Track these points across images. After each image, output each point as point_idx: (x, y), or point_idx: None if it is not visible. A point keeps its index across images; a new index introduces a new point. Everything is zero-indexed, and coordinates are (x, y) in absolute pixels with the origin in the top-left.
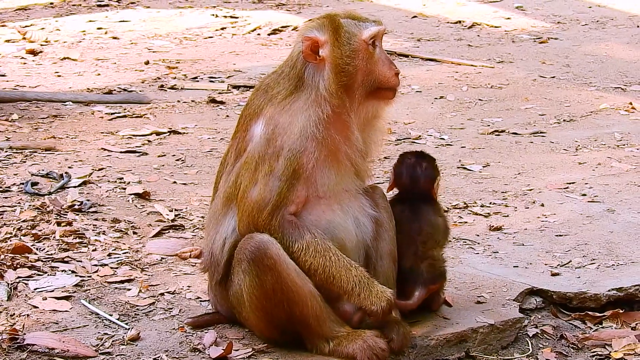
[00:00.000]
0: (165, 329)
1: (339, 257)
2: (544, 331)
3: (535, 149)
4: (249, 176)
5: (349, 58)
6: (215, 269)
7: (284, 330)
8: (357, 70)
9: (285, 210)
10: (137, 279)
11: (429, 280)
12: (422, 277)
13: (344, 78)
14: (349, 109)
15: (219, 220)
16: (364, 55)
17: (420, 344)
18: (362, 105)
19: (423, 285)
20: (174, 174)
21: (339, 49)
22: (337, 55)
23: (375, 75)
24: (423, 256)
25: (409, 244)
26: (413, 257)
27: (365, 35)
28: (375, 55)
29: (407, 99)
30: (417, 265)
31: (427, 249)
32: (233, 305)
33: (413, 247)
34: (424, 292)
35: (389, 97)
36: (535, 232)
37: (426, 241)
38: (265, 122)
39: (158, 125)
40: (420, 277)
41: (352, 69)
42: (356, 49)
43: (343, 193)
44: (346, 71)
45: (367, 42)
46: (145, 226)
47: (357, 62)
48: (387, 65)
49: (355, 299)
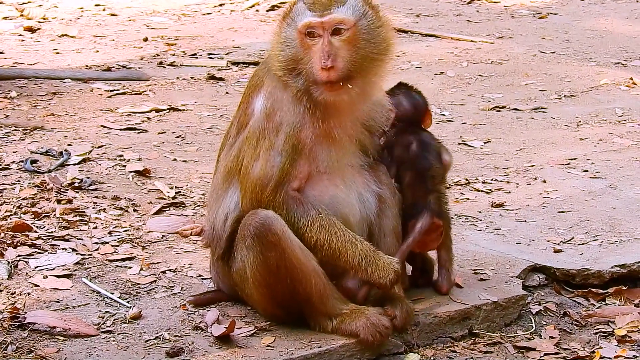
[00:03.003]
0: (166, 307)
1: (344, 232)
2: (547, 308)
3: (536, 125)
4: (251, 152)
5: (283, 45)
6: (218, 244)
7: (287, 307)
8: (290, 57)
9: (289, 187)
10: (138, 257)
11: (435, 211)
12: (429, 206)
13: (283, 62)
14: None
15: (220, 194)
16: (297, 44)
17: (423, 321)
18: (312, 93)
19: (429, 214)
20: (174, 151)
21: (278, 35)
22: (276, 40)
23: (305, 66)
24: (432, 189)
25: (418, 178)
26: (421, 191)
27: (299, 25)
28: (310, 45)
29: (407, 75)
30: (424, 198)
31: (435, 183)
32: (235, 282)
33: (421, 182)
34: (428, 222)
35: (327, 89)
36: (537, 209)
37: (435, 176)
38: (265, 96)
39: (157, 102)
40: (426, 207)
41: (282, 57)
42: (291, 37)
43: (346, 169)
44: (279, 56)
45: (302, 32)
46: (145, 204)
47: (288, 51)
48: (317, 58)
49: (362, 273)
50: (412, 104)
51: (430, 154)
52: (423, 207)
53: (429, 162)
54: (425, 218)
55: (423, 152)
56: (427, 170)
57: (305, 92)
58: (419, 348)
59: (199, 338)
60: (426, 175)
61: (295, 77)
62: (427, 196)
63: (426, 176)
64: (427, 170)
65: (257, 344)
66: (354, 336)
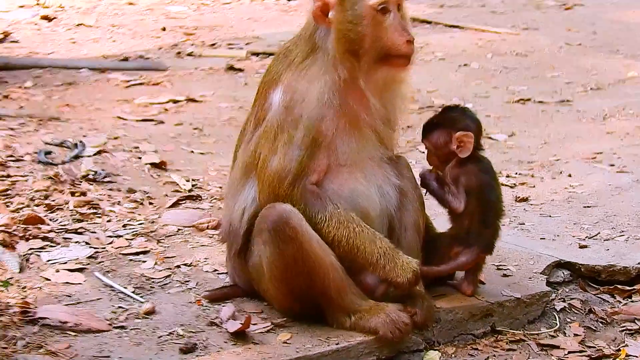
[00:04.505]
0: (181, 302)
1: (362, 228)
2: (571, 305)
3: (561, 118)
4: (269, 146)
5: (352, 24)
6: (234, 239)
7: (304, 303)
8: (362, 36)
9: (307, 180)
10: (152, 251)
11: (486, 246)
12: (481, 241)
13: (347, 44)
14: (363, 74)
15: (238, 189)
16: (370, 21)
17: (444, 318)
18: (372, 72)
19: (478, 251)
20: (191, 143)
21: (342, 13)
22: (340, 20)
23: (384, 42)
24: (491, 223)
25: (481, 209)
26: (479, 223)
27: (372, 1)
28: (385, 21)
29: (430, 67)
30: (480, 230)
31: (497, 217)
32: (252, 277)
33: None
34: (473, 257)
35: (401, 64)
36: (562, 203)
37: (498, 210)
38: (284, 90)
39: (175, 93)
40: (477, 240)
41: (354, 35)
42: (361, 14)
43: (366, 161)
44: (348, 37)
45: (375, 8)
46: (161, 196)
47: (362, 29)
48: (398, 32)
49: (380, 271)
50: (475, 122)
51: (496, 184)
52: (475, 241)
53: (496, 194)
54: (472, 254)
55: (492, 180)
56: (493, 203)
57: (351, 77)
58: (440, 345)
59: (214, 334)
60: (490, 208)
61: (356, 58)
62: (484, 230)
63: (490, 209)
64: (493, 203)
65: (273, 341)
66: (372, 333)
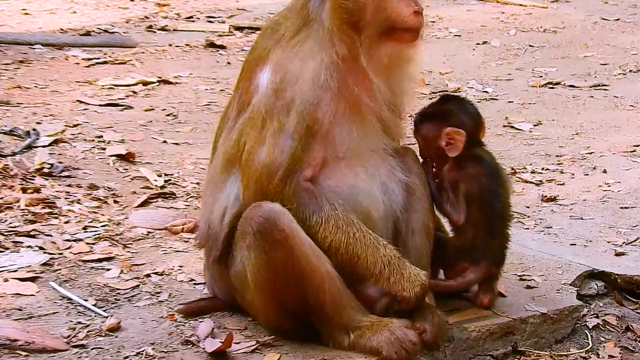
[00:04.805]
0: (151, 317)
1: (364, 232)
2: (606, 322)
3: (596, 105)
4: (255, 135)
5: None
6: (214, 245)
7: (295, 318)
8: (362, 6)
9: (300, 176)
10: (118, 257)
11: (496, 261)
12: (489, 255)
13: (345, 15)
14: (361, 51)
15: (218, 186)
16: None
17: (458, 336)
18: (375, 48)
19: (486, 267)
20: (163, 132)
21: None
22: None
23: (388, 13)
24: (499, 234)
25: (486, 218)
26: (486, 234)
27: None
28: None
29: (444, 45)
30: (487, 243)
31: (504, 226)
32: (234, 287)
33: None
34: (481, 274)
35: (408, 40)
36: (596, 204)
37: (506, 217)
38: (273, 69)
39: (145, 73)
40: (485, 255)
41: (352, 5)
42: None
43: (368, 154)
44: (346, 7)
45: None
46: (128, 194)
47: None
48: (404, 2)
49: (384, 283)
50: (472, 118)
51: (501, 188)
52: (482, 256)
53: (501, 200)
54: (480, 271)
55: (496, 186)
56: (499, 210)
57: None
58: None
59: (190, 354)
60: (495, 217)
61: (356, 32)
62: (491, 242)
63: (495, 218)
64: (498, 211)
65: None
66: (375, 353)
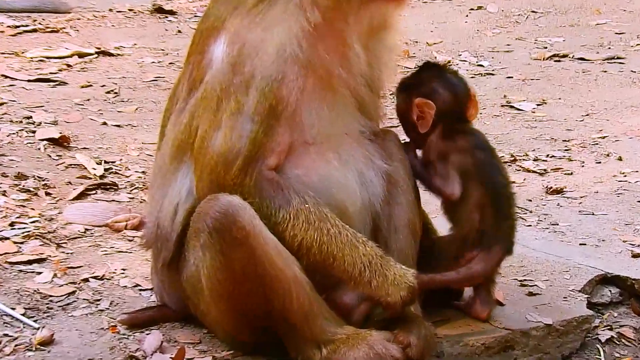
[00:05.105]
0: (89, 328)
1: (340, 229)
2: (621, 335)
3: (610, 81)
4: (209, 117)
5: None
6: (163, 246)
7: (257, 330)
8: None
9: (263, 164)
10: (50, 259)
11: (509, 245)
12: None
13: None
14: (347, 12)
15: (167, 178)
16: None
17: (448, 351)
18: (363, 7)
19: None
20: (103, 112)
21: None
22: None
23: None
24: (508, 215)
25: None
26: (493, 216)
27: None
28: None
29: (432, 10)
30: (496, 226)
31: (512, 206)
32: (187, 294)
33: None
34: (494, 262)
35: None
36: (609, 197)
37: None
38: (229, 40)
39: (81, 43)
40: (496, 238)
41: None
42: None
43: (342, 138)
44: None
45: None
46: (62, 185)
47: None
48: None
49: (364, 287)
50: (452, 91)
51: (500, 162)
52: (494, 241)
53: (504, 174)
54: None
55: (493, 159)
56: (504, 187)
57: (326, 18)
58: None
59: None
60: (500, 193)
61: None
62: (503, 223)
63: (500, 194)
64: (503, 187)
65: None
66: None
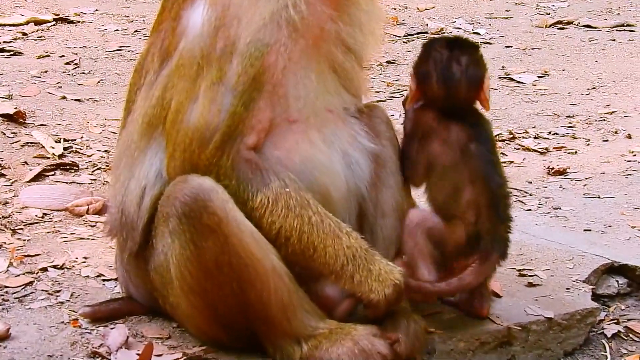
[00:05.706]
0: (48, 322)
1: (322, 217)
2: (629, 329)
3: (618, 51)
4: (186, 87)
5: None
6: (129, 235)
7: (231, 324)
8: None
9: (242, 143)
10: (5, 247)
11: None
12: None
13: None
14: None
15: (135, 157)
16: None
17: (441, 348)
18: None
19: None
20: (62, 85)
21: None
22: None
23: None
24: (504, 217)
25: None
26: (489, 218)
27: None
28: None
29: None
30: (493, 229)
31: (508, 207)
32: (155, 286)
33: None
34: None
35: None
36: (617, 178)
37: (507, 195)
38: (210, 2)
39: (38, 9)
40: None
41: None
42: None
43: (325, 115)
44: None
45: None
46: (18, 165)
47: None
48: None
49: (346, 282)
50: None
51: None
52: (490, 245)
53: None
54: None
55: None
56: (500, 187)
57: None
58: None
59: None
60: (498, 194)
61: None
62: (498, 227)
63: (498, 195)
64: (499, 187)
65: None
66: None
